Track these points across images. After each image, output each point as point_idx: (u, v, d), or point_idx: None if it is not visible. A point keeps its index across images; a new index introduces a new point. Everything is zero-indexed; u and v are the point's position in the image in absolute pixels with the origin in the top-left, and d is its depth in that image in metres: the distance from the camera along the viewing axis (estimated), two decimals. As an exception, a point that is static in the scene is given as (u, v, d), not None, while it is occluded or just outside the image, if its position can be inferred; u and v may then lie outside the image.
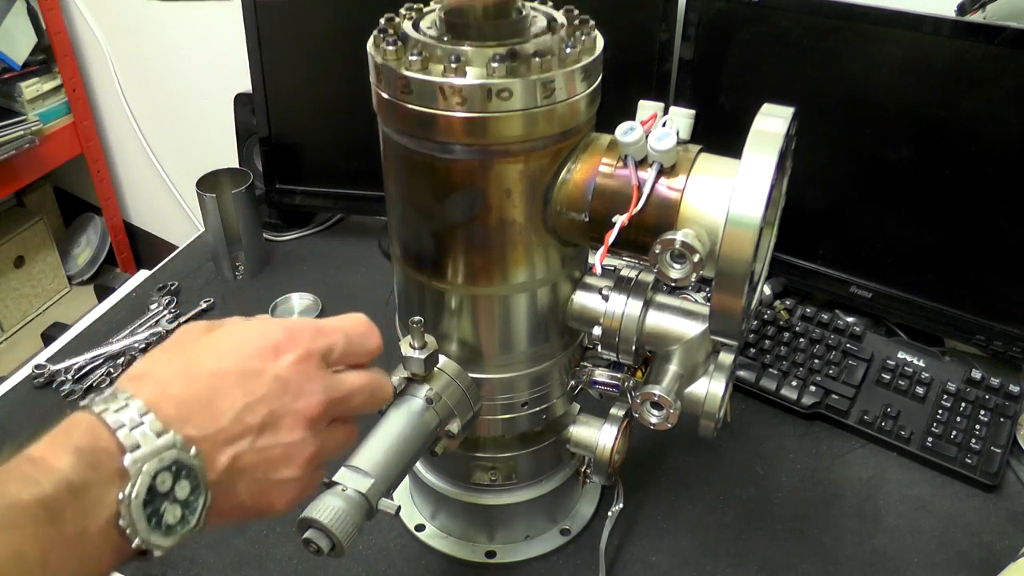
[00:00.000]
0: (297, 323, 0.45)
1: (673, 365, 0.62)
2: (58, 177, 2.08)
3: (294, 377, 0.42)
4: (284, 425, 0.42)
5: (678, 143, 0.53)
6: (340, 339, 0.46)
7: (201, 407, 0.39)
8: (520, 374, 0.66)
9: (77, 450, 0.35)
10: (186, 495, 0.38)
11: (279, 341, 0.43)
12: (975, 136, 0.85)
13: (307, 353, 0.43)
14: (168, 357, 0.42)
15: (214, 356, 0.41)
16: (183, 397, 0.39)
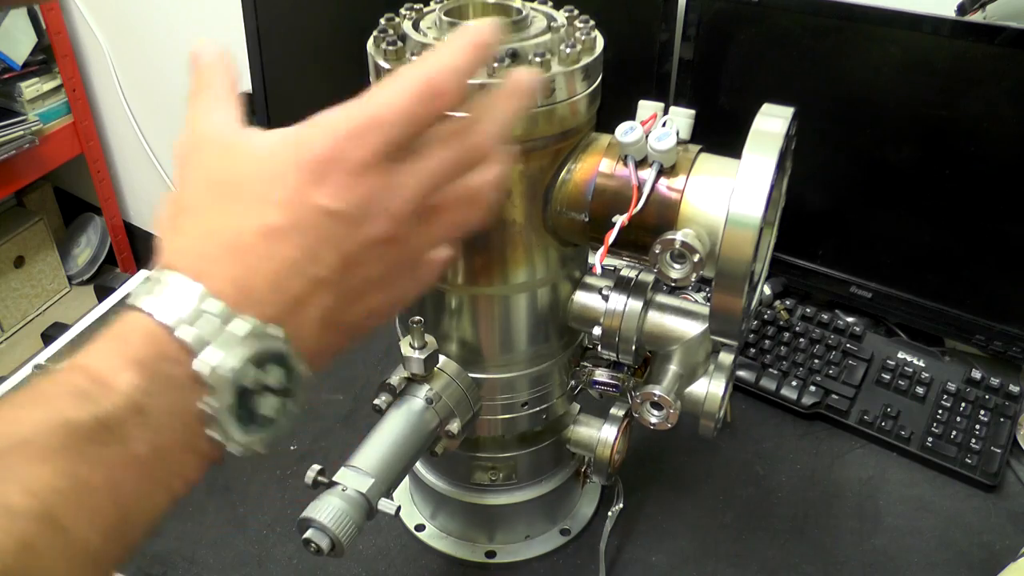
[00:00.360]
0: (337, 127, 0.34)
1: (673, 365, 0.62)
2: (58, 177, 2.08)
3: (353, 203, 0.34)
4: (363, 259, 0.35)
5: (678, 143, 0.53)
6: (396, 128, 0.34)
7: (264, 281, 0.32)
8: (520, 374, 0.66)
9: (138, 363, 0.30)
10: (280, 380, 0.33)
11: (319, 161, 0.33)
12: (975, 136, 0.85)
13: (357, 168, 0.34)
14: (196, 219, 0.34)
15: (251, 206, 0.33)
16: (238, 274, 0.32)
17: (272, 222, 0.33)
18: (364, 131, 0.34)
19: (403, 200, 0.35)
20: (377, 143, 0.34)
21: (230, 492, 0.84)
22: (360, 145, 0.34)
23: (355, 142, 0.34)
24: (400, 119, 0.34)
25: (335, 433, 0.91)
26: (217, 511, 0.82)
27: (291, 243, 0.33)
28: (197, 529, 0.80)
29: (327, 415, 0.93)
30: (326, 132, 0.34)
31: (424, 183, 0.36)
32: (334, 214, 0.33)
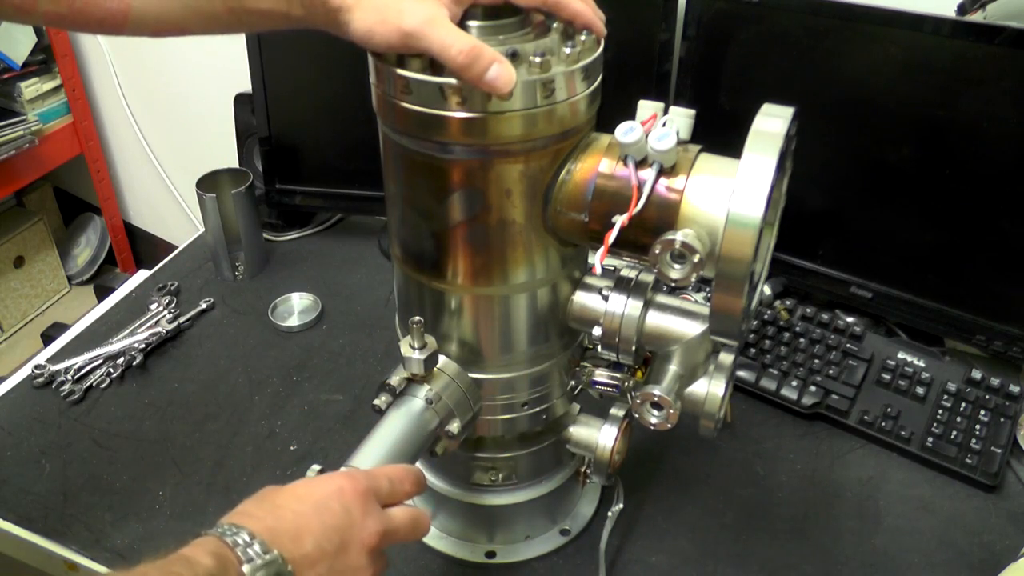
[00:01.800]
0: (352, 471, 0.55)
1: (673, 365, 0.62)
2: (58, 177, 2.08)
3: (356, 510, 0.51)
4: (352, 551, 0.50)
5: (678, 143, 0.53)
6: (385, 482, 0.54)
7: (290, 537, 0.48)
8: (520, 374, 0.66)
9: (213, 554, 0.45)
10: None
11: (342, 484, 0.52)
12: (975, 136, 0.85)
13: (365, 491, 0.52)
14: (257, 504, 0.51)
15: (294, 501, 0.51)
16: (276, 529, 0.48)
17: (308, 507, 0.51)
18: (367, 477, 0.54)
19: (385, 524, 0.53)
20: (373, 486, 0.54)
21: (230, 492, 0.84)
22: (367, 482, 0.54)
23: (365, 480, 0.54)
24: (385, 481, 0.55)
25: (335, 433, 0.91)
26: (217, 511, 0.81)
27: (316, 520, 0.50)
28: (197, 529, 0.80)
29: (327, 415, 0.93)
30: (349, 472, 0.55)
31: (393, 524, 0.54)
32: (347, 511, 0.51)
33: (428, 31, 0.50)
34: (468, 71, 0.49)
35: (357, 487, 0.52)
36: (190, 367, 1.00)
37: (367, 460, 0.58)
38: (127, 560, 0.77)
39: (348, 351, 1.03)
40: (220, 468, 0.86)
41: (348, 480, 0.52)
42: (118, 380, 0.98)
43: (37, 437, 0.90)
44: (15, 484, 0.85)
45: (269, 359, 1.01)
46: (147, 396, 0.96)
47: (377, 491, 0.54)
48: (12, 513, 0.82)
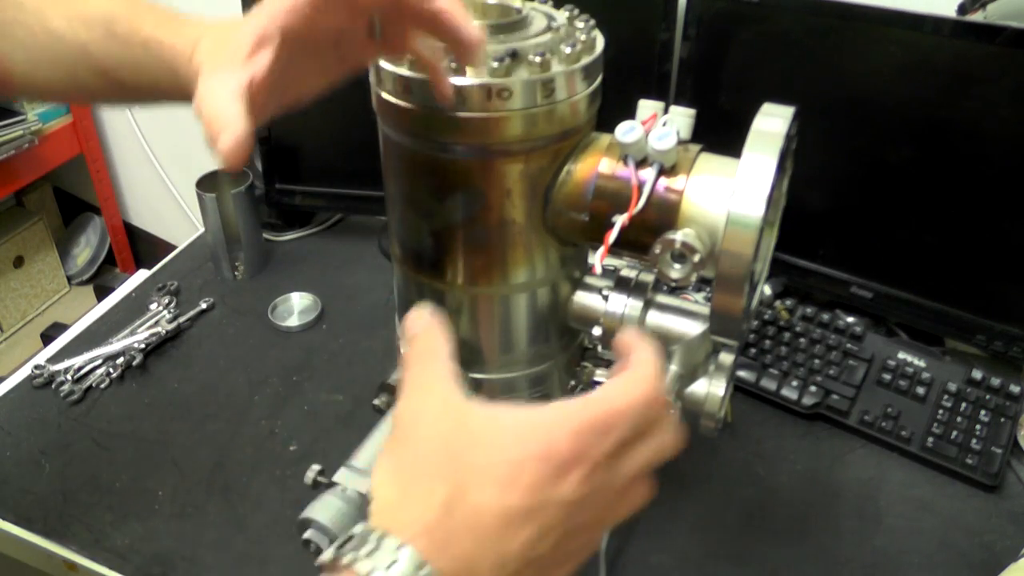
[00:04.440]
0: (582, 424, 0.36)
1: (673, 365, 0.61)
2: (57, 177, 2.08)
3: (584, 496, 0.36)
4: (574, 542, 0.37)
5: (678, 143, 0.53)
6: (628, 427, 0.38)
7: (490, 563, 0.34)
8: (520, 374, 0.66)
9: None
10: None
11: (565, 458, 0.35)
12: (975, 136, 0.85)
13: (595, 465, 0.36)
14: (429, 488, 0.34)
15: (493, 487, 0.34)
16: (468, 552, 0.33)
17: (513, 505, 0.34)
18: (606, 429, 0.36)
19: (620, 487, 0.39)
20: (614, 441, 0.37)
21: (230, 492, 0.84)
22: (601, 443, 0.36)
23: (597, 439, 0.36)
24: (635, 419, 0.38)
25: (335, 433, 0.91)
26: (217, 511, 0.82)
27: (525, 529, 0.34)
28: (197, 529, 0.80)
29: (327, 415, 0.93)
30: (571, 428, 0.36)
31: (637, 471, 0.40)
32: (570, 503, 0.35)
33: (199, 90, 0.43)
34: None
35: (586, 462, 0.36)
36: (190, 367, 1.00)
37: (367, 460, 0.58)
38: (127, 560, 0.77)
39: (348, 351, 1.03)
40: (220, 468, 0.86)
41: (573, 452, 0.35)
42: (118, 380, 0.98)
43: (37, 437, 0.90)
44: (15, 484, 0.85)
45: (269, 359, 1.01)
46: (147, 396, 0.96)
47: (617, 449, 0.37)
48: (12, 513, 0.82)
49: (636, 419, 0.38)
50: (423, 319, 0.43)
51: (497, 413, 0.37)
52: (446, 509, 0.34)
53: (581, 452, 0.35)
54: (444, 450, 0.36)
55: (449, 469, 0.35)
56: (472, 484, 0.34)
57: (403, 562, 0.32)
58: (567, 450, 0.35)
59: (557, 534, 0.35)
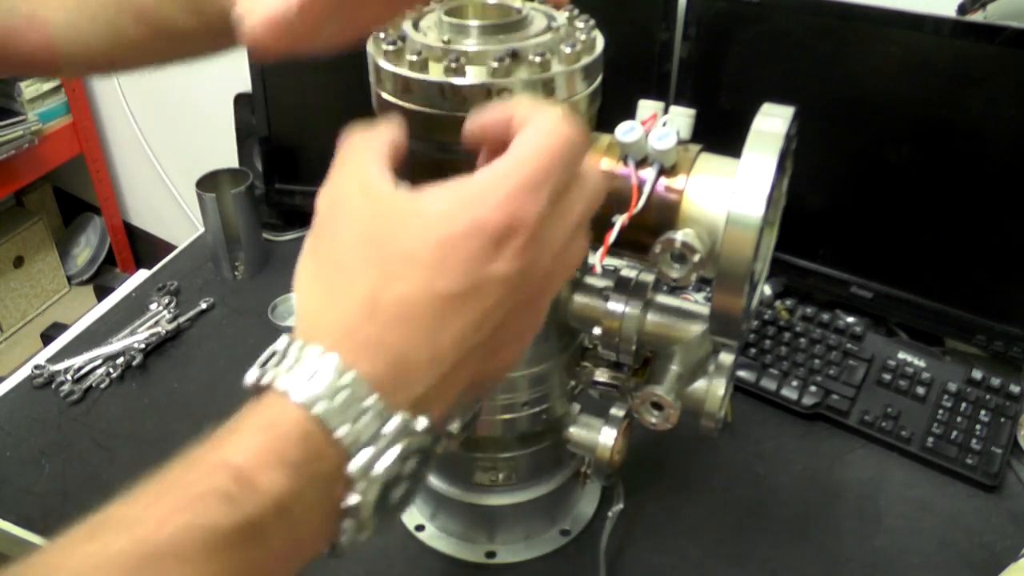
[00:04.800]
0: (511, 188, 0.32)
1: (673, 365, 0.61)
2: (57, 177, 2.08)
3: (523, 268, 0.32)
4: (517, 323, 0.34)
5: (678, 143, 0.53)
6: (558, 178, 0.33)
7: (424, 355, 0.31)
8: (520, 374, 0.66)
9: (291, 465, 0.29)
10: (414, 469, 0.31)
11: (498, 228, 0.31)
12: (975, 136, 0.85)
13: (532, 230, 0.32)
14: (352, 282, 0.31)
15: (421, 272, 0.31)
16: (399, 348, 0.30)
17: (446, 290, 0.31)
18: (535, 186, 0.32)
19: (559, 248, 0.34)
20: (546, 198, 0.33)
21: (230, 492, 0.84)
22: (534, 203, 0.32)
23: (529, 201, 0.32)
24: (562, 167, 0.33)
25: (335, 433, 0.90)
26: (217, 511, 0.82)
27: (461, 315, 0.31)
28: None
29: (327, 415, 0.93)
30: (500, 195, 0.32)
31: (574, 226, 0.35)
32: (508, 279, 0.32)
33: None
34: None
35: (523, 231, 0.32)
36: (190, 367, 1.00)
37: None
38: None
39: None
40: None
41: (507, 222, 0.32)
42: (118, 380, 0.98)
43: (37, 437, 0.90)
44: (15, 484, 0.85)
45: (269, 359, 1.01)
46: (147, 396, 0.96)
47: (552, 205, 0.33)
48: (12, 513, 0.82)
49: (563, 167, 0.33)
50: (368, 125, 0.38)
51: (420, 194, 0.33)
52: (370, 305, 0.31)
53: (514, 218, 0.32)
54: (364, 240, 0.32)
55: (371, 260, 0.31)
56: (397, 273, 0.31)
57: (325, 372, 0.29)
58: (499, 219, 0.31)
59: (497, 316, 0.32)
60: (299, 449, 0.29)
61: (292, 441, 0.29)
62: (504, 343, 0.34)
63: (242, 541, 0.28)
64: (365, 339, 0.30)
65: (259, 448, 0.29)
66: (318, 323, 0.31)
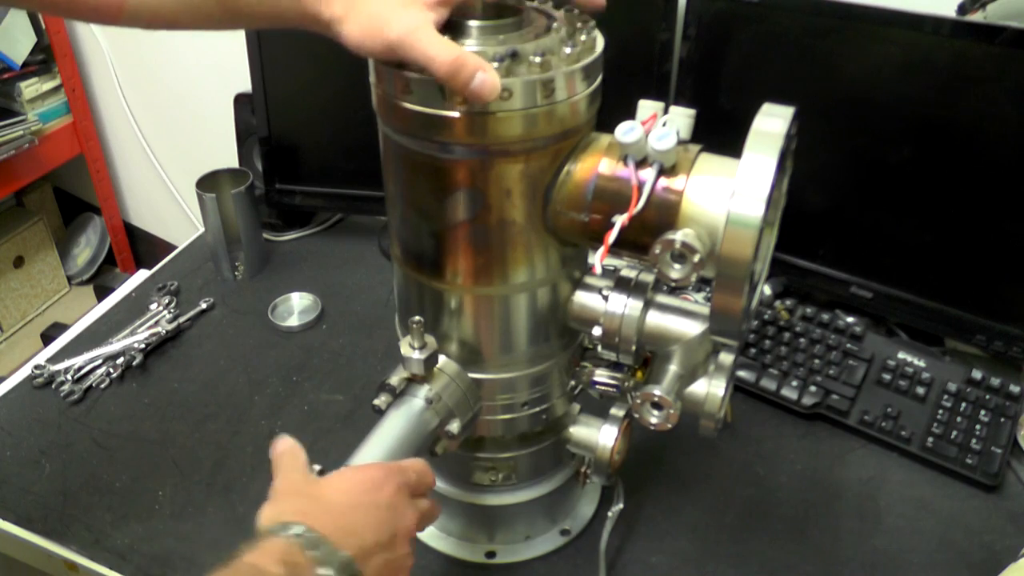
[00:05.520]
0: (384, 465, 0.56)
1: (673, 365, 0.62)
2: (57, 177, 2.08)
3: (397, 504, 0.54)
4: (399, 540, 0.53)
5: (678, 143, 0.53)
6: (413, 475, 0.57)
7: (351, 533, 0.49)
8: (520, 374, 0.66)
9: (283, 562, 0.45)
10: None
11: (379, 479, 0.54)
12: (975, 136, 0.85)
13: (400, 484, 0.55)
14: (303, 500, 0.52)
15: (341, 495, 0.52)
16: (337, 528, 0.49)
17: (358, 502, 0.52)
18: (399, 471, 0.56)
19: (419, 513, 0.57)
20: (406, 479, 0.56)
21: (230, 492, 0.84)
22: (401, 476, 0.56)
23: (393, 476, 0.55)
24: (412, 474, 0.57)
25: (335, 433, 0.91)
26: (217, 511, 0.82)
27: (369, 516, 0.52)
28: (197, 529, 0.80)
29: (327, 415, 0.93)
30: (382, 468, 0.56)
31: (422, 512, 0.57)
32: (391, 506, 0.53)
33: (411, 41, 0.50)
34: (452, 80, 0.50)
35: (396, 480, 0.54)
36: (190, 367, 1.00)
37: (367, 460, 0.58)
38: (127, 560, 0.77)
39: (348, 351, 1.03)
40: (220, 468, 0.86)
41: (385, 473, 0.54)
42: (118, 380, 0.98)
43: (37, 437, 0.90)
44: (15, 484, 0.85)
45: (269, 359, 1.01)
46: (147, 396, 0.96)
47: (408, 483, 0.56)
48: (12, 513, 0.82)
49: (416, 472, 0.57)
50: (285, 442, 0.59)
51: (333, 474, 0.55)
52: (321, 509, 0.51)
53: (390, 476, 0.55)
54: (315, 486, 0.54)
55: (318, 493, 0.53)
56: (333, 496, 0.53)
57: (310, 536, 0.47)
58: (381, 475, 0.54)
59: (389, 529, 0.52)
60: (287, 554, 0.46)
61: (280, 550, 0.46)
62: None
63: None
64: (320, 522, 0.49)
65: (262, 556, 0.46)
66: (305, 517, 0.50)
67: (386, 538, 0.52)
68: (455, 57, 0.49)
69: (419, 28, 0.50)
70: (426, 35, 0.50)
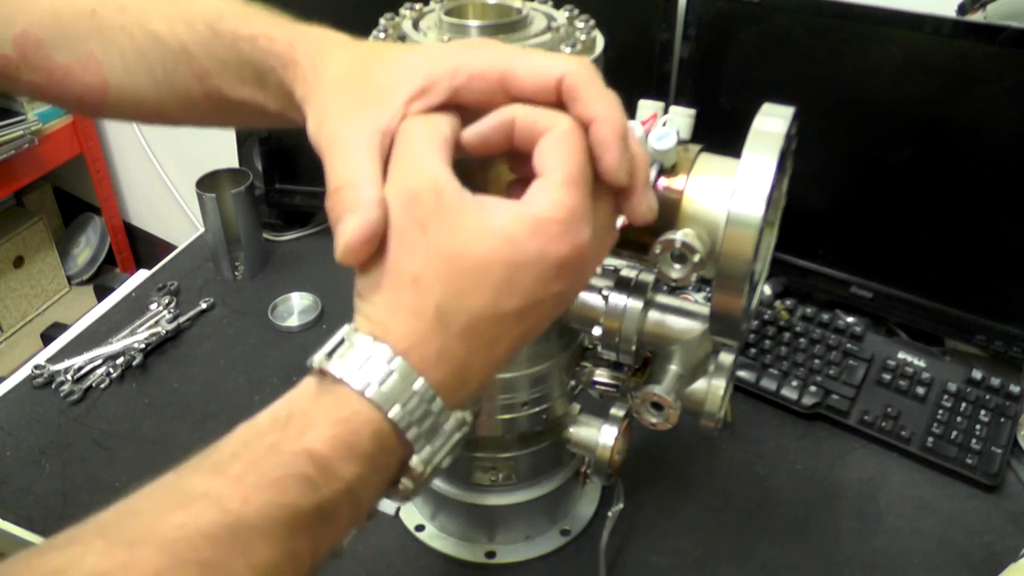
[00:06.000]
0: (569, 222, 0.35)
1: (673, 365, 0.61)
2: (57, 177, 2.08)
3: (576, 282, 0.37)
4: (558, 311, 0.38)
5: (678, 143, 0.53)
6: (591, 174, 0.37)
7: (480, 366, 0.35)
8: (520, 374, 0.66)
9: (363, 457, 0.33)
10: (455, 443, 0.36)
11: (560, 260, 0.35)
12: (975, 136, 0.85)
13: (587, 253, 0.36)
14: (422, 293, 0.34)
15: (483, 291, 0.34)
16: (463, 358, 0.35)
17: (509, 307, 0.35)
18: (586, 211, 0.36)
19: (598, 252, 0.39)
20: (592, 220, 0.37)
21: (230, 492, 0.84)
22: (586, 228, 0.36)
23: (582, 227, 0.36)
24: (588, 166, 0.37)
25: (335, 433, 0.90)
26: (217, 511, 0.82)
27: (517, 328, 0.36)
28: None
29: (327, 415, 0.93)
30: (560, 227, 0.35)
31: (608, 228, 0.41)
32: (563, 295, 0.37)
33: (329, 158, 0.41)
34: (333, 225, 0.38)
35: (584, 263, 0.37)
36: (190, 367, 1.00)
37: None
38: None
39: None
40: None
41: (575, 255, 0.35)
42: (118, 380, 0.98)
43: (37, 437, 0.90)
44: (15, 484, 0.85)
45: (269, 359, 1.01)
46: (147, 396, 0.96)
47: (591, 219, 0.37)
48: (12, 513, 0.82)
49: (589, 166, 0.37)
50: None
51: (488, 209, 0.35)
52: (439, 318, 0.34)
53: (574, 247, 0.35)
54: (436, 253, 0.34)
55: (442, 275, 0.34)
56: (466, 289, 0.34)
57: (396, 376, 0.33)
58: (561, 250, 0.35)
59: (546, 321, 0.37)
60: (372, 445, 0.33)
61: (366, 437, 0.33)
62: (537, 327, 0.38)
63: (317, 520, 0.32)
64: (434, 350, 0.34)
65: (337, 441, 0.32)
66: (389, 326, 0.34)
67: (533, 335, 0.37)
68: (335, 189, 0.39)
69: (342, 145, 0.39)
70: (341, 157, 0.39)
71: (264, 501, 0.31)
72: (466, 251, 0.34)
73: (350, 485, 0.33)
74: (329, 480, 0.32)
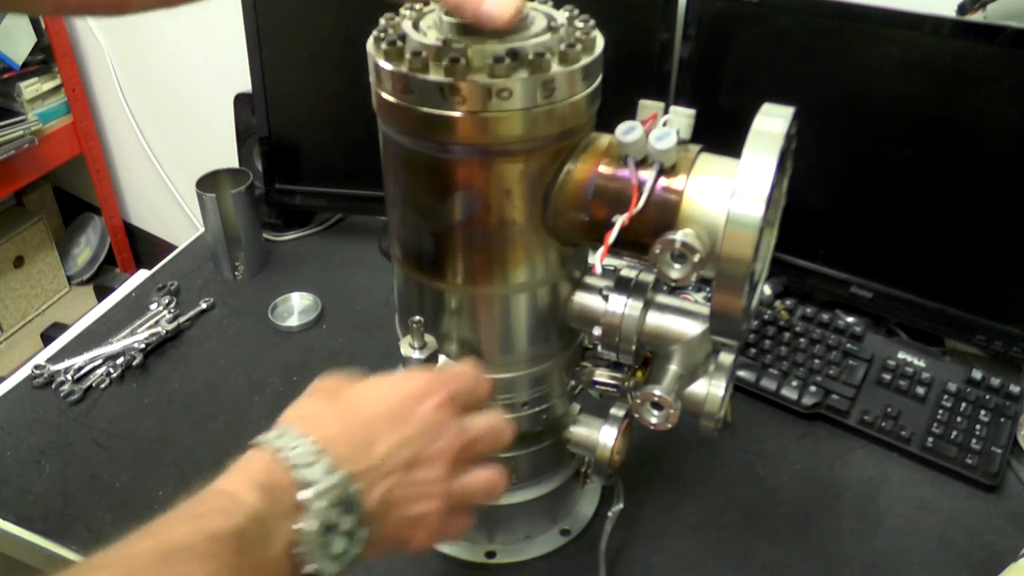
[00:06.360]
0: (430, 373, 0.49)
1: (673, 365, 0.62)
2: (57, 177, 2.08)
3: (435, 420, 0.47)
4: (427, 463, 0.46)
5: (678, 143, 0.53)
6: (462, 383, 0.50)
7: (360, 447, 0.44)
8: (520, 374, 0.66)
9: (259, 485, 0.40)
10: (350, 527, 0.42)
11: (421, 388, 0.48)
12: (975, 136, 0.85)
13: (445, 398, 0.48)
14: (324, 404, 0.47)
15: (367, 403, 0.47)
16: (345, 439, 0.44)
17: (383, 412, 0.47)
18: (448, 380, 0.50)
19: (464, 434, 0.49)
20: (454, 391, 0.49)
21: (230, 492, 0.84)
22: (448, 386, 0.49)
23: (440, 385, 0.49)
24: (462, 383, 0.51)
25: (335, 433, 0.90)
26: (217, 511, 0.82)
27: (391, 430, 0.46)
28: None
29: (327, 415, 0.93)
30: (427, 375, 0.50)
31: (472, 433, 0.49)
32: (425, 421, 0.47)
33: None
34: (461, 6, 0.47)
35: (437, 393, 0.48)
36: (190, 367, 1.00)
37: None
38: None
39: (348, 351, 1.03)
40: (220, 468, 0.86)
41: (426, 385, 0.48)
42: (118, 380, 0.98)
43: (37, 437, 0.90)
44: (15, 484, 0.85)
45: (269, 359, 1.01)
46: (147, 396, 0.96)
47: (457, 395, 0.49)
48: (12, 513, 0.82)
49: (468, 382, 0.51)
50: None
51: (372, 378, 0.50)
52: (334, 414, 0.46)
53: (434, 386, 0.48)
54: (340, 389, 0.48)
55: (341, 396, 0.48)
56: (354, 403, 0.47)
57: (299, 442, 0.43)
58: (422, 384, 0.48)
59: (414, 447, 0.46)
60: (264, 475, 0.41)
61: (259, 469, 0.41)
62: (416, 496, 0.46)
63: (232, 544, 0.38)
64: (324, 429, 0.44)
65: (238, 477, 0.41)
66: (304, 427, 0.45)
67: (407, 457, 0.45)
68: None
69: None
70: None
71: (188, 530, 0.38)
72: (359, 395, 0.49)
73: (255, 510, 0.39)
74: (237, 505, 0.39)
